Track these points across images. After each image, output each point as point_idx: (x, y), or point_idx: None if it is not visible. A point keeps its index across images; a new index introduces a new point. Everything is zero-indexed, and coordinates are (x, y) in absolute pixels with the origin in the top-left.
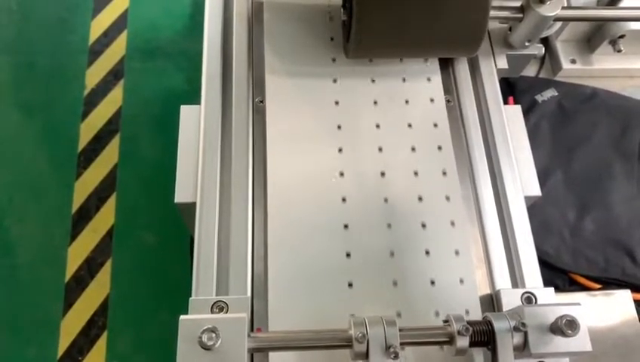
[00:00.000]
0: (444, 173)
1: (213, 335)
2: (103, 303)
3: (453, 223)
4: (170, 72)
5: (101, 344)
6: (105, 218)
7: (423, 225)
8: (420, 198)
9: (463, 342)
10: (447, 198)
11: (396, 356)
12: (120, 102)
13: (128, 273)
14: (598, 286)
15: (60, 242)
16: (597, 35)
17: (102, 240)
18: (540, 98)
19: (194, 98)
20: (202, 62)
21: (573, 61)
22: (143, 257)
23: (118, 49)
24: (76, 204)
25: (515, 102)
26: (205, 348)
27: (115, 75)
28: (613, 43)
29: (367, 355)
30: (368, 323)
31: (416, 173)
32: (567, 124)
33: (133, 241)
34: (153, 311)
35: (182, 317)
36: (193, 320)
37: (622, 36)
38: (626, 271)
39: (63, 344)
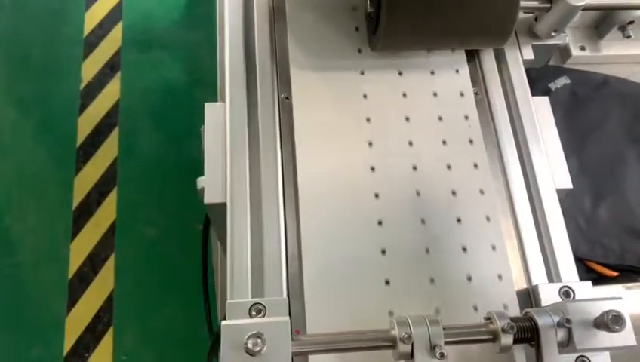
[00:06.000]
0: (476, 166)
1: (259, 340)
2: (108, 299)
3: (488, 218)
4: (167, 63)
5: (107, 340)
6: (106, 213)
7: (458, 220)
8: (454, 193)
9: (507, 339)
10: (482, 192)
11: (442, 356)
12: (117, 95)
13: (132, 268)
14: (615, 273)
15: (61, 239)
16: (606, 21)
17: (104, 235)
18: (553, 86)
19: (192, 89)
20: (225, 57)
21: (582, 48)
22: (146, 251)
23: (113, 41)
24: (77, 200)
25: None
26: (251, 354)
27: (111, 68)
28: (623, 29)
29: (411, 355)
30: (412, 322)
31: (448, 167)
32: (580, 111)
33: (136, 236)
34: (159, 305)
35: (223, 322)
36: (236, 325)
37: (631, 22)
38: None
39: (69, 341)
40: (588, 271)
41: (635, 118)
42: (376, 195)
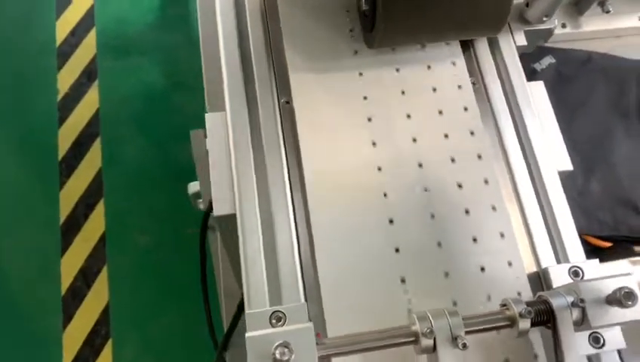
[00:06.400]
0: (480, 157)
1: (286, 350)
2: (104, 311)
3: (494, 207)
4: (145, 68)
5: (107, 353)
6: (95, 225)
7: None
8: (460, 183)
9: (524, 324)
10: (486, 182)
11: (464, 346)
12: (97, 104)
13: (126, 278)
14: (609, 244)
15: (51, 255)
16: None
17: (95, 248)
18: (538, 67)
19: (172, 92)
20: (221, 66)
21: (563, 25)
22: (139, 260)
23: (88, 48)
24: (63, 214)
25: None
26: None
27: (88, 76)
28: (602, 4)
29: (433, 348)
30: (432, 316)
31: (453, 160)
32: (566, 89)
33: (127, 245)
34: (156, 313)
35: (248, 334)
36: (261, 336)
37: None
38: (635, 228)
39: (67, 357)
40: (582, 244)
41: (620, 93)
42: (382, 174)
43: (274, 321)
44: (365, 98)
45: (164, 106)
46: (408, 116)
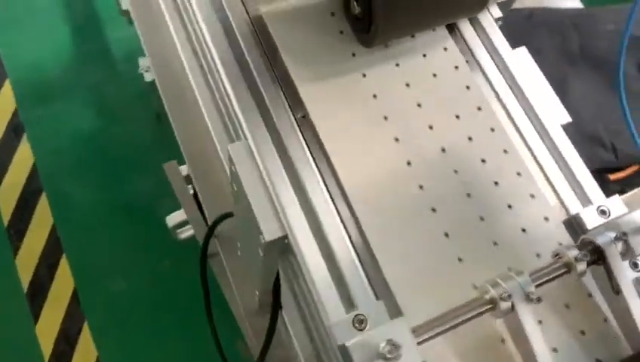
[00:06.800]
0: (480, 109)
1: (393, 347)
2: None
3: (506, 151)
4: (73, 110)
5: None
6: (63, 284)
7: (483, 161)
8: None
9: (582, 266)
10: (493, 130)
11: (539, 300)
12: (32, 158)
13: (111, 328)
14: None
15: (23, 326)
16: None
17: (69, 307)
18: None
19: (108, 128)
20: (230, 97)
21: None
22: (118, 307)
23: (6, 101)
24: (25, 281)
25: None
26: (388, 360)
27: (14, 132)
28: None
29: (511, 309)
30: (502, 280)
31: (458, 117)
32: (517, 45)
33: (103, 295)
34: (150, 355)
35: (348, 343)
36: (362, 340)
37: None
38: (604, 159)
39: None
40: None
41: (563, 41)
42: (409, 163)
43: (357, 325)
44: (364, 75)
45: (102, 144)
46: (407, 85)
